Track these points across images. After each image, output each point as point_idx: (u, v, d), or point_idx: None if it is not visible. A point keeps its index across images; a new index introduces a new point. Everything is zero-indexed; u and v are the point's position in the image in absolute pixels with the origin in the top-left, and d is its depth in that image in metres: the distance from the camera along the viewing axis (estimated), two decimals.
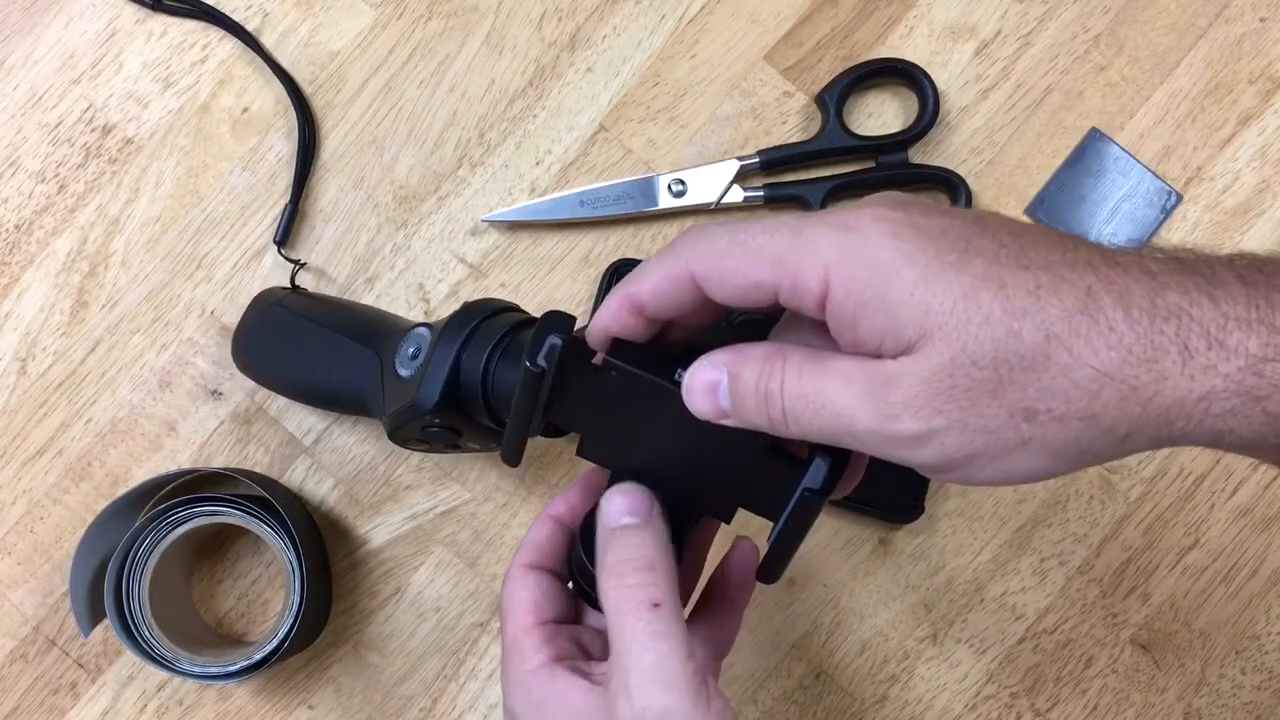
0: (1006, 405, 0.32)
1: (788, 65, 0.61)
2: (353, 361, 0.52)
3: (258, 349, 0.57)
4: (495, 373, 0.46)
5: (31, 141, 0.60)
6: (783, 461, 0.39)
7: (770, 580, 0.40)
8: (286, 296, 0.57)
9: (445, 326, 0.48)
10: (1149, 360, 0.31)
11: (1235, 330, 0.31)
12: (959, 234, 0.33)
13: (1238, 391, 0.31)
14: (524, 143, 0.61)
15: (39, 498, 0.59)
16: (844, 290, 0.33)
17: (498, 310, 0.48)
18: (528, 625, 0.41)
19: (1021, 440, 0.32)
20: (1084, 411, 0.31)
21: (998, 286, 0.32)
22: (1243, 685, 0.58)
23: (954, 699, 0.58)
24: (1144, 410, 0.31)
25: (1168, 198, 0.60)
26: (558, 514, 0.44)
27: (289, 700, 0.58)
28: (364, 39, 0.61)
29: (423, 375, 0.47)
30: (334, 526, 0.59)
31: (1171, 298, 0.31)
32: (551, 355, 0.39)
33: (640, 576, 0.37)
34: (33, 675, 0.58)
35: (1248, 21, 0.61)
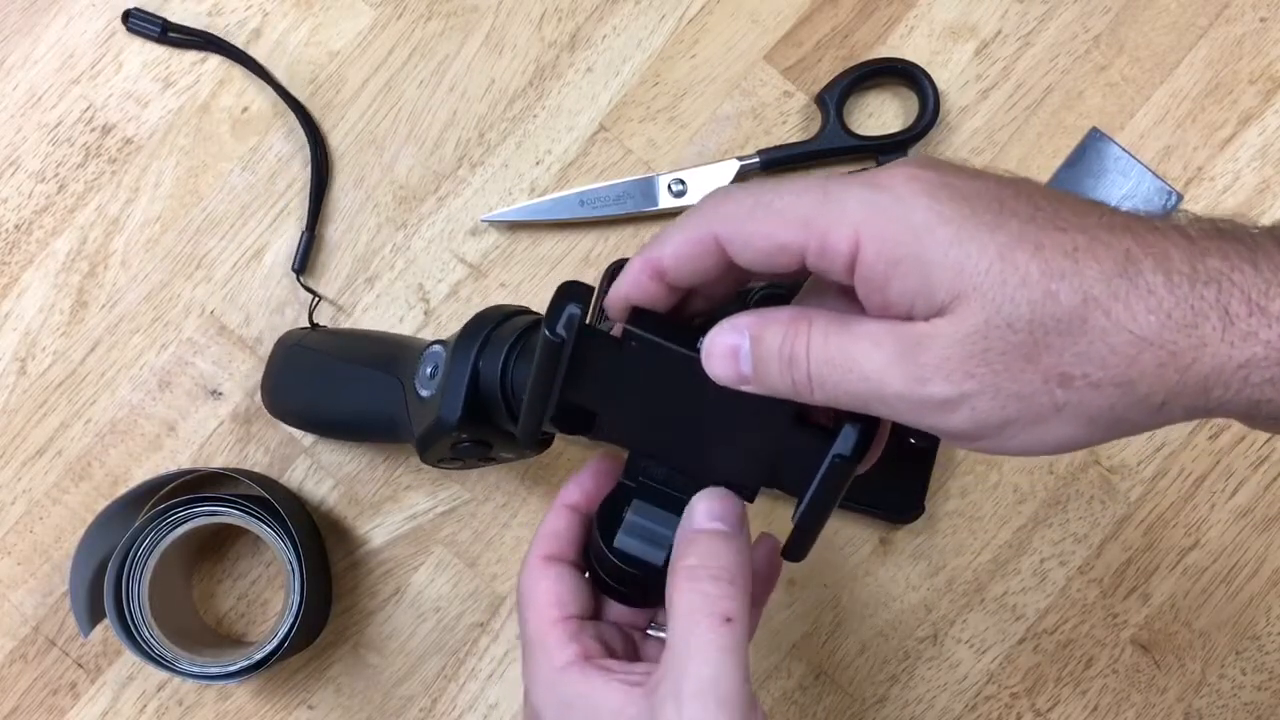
0: (1041, 370, 0.31)
1: (788, 65, 0.61)
2: (377, 391, 0.51)
3: (287, 393, 0.57)
4: (514, 374, 0.45)
5: (31, 141, 0.60)
6: (808, 432, 0.37)
7: (798, 558, 0.39)
8: (306, 336, 0.57)
9: (458, 339, 0.47)
10: (1189, 325, 0.30)
11: (1279, 296, 0.30)
12: (994, 195, 0.32)
13: (1278, 360, 0.30)
14: (524, 143, 0.61)
15: (39, 498, 0.59)
16: (875, 250, 0.32)
17: (508, 315, 0.48)
18: (553, 619, 0.39)
19: (1055, 406, 0.31)
20: (1121, 378, 0.31)
21: (1034, 248, 0.31)
22: (1243, 685, 0.58)
23: (954, 699, 0.58)
24: (1182, 378, 0.30)
25: (1168, 198, 0.60)
26: (573, 502, 0.42)
27: (289, 700, 0.58)
28: (364, 39, 0.61)
29: (443, 392, 0.46)
30: (334, 526, 0.59)
31: (1212, 263, 0.31)
32: (570, 324, 0.37)
33: (719, 587, 0.36)
34: (32, 675, 0.58)
35: (1248, 21, 0.61)
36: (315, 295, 0.59)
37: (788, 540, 0.39)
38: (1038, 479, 0.59)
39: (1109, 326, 0.30)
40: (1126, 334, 0.30)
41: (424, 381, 0.48)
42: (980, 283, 0.31)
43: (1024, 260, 0.31)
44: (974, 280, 0.31)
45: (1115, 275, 0.31)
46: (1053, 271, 0.31)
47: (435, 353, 0.48)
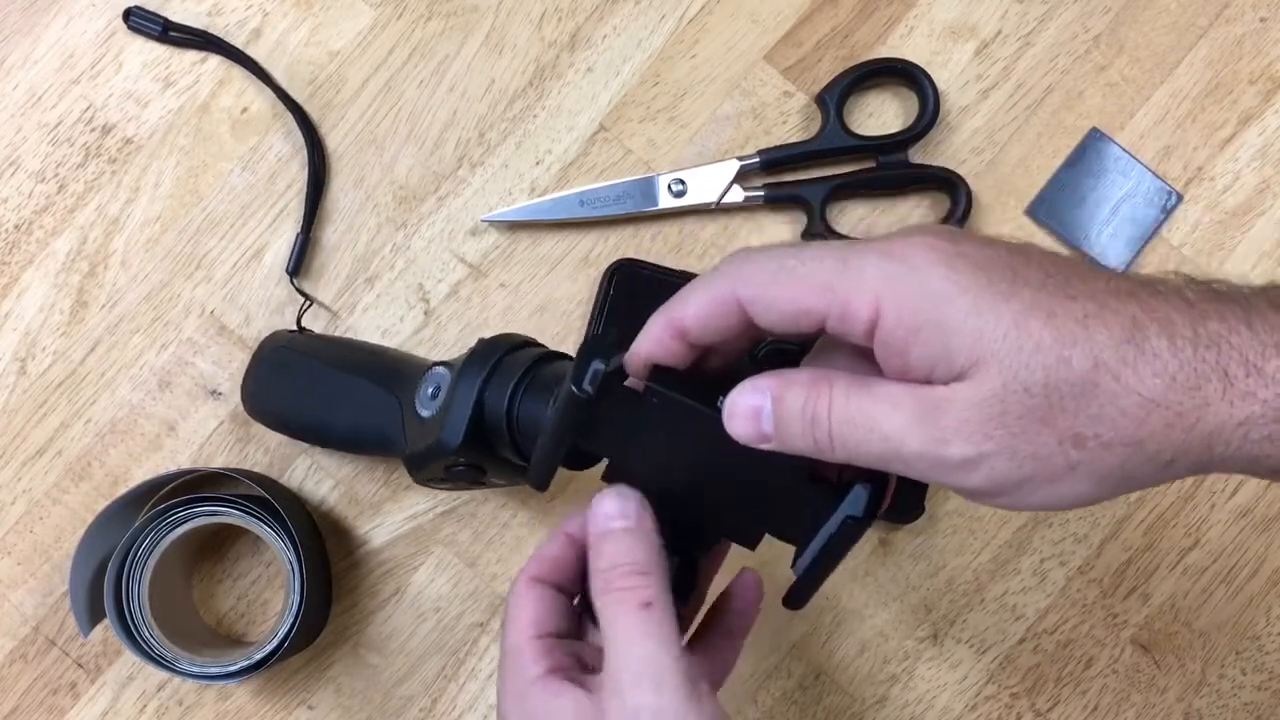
0: (1056, 432, 0.33)
1: (788, 65, 0.61)
2: (372, 405, 0.52)
3: (273, 397, 0.56)
4: (520, 408, 0.46)
5: (31, 141, 0.60)
6: (819, 488, 0.38)
7: (798, 606, 0.40)
8: (294, 339, 0.57)
9: (465, 364, 0.47)
10: (1192, 387, 0.32)
11: (1273, 357, 0.32)
12: (1006, 264, 0.34)
13: (1275, 417, 0.32)
14: (524, 143, 0.61)
15: (39, 498, 0.59)
16: (895, 317, 0.33)
17: (517, 346, 0.48)
18: (528, 636, 0.40)
19: (1069, 466, 0.33)
20: (1130, 438, 0.32)
21: (1047, 315, 0.33)
22: (1243, 685, 0.58)
23: (954, 699, 0.58)
24: (1187, 436, 0.32)
25: (1168, 198, 0.60)
26: (573, 531, 0.42)
27: (289, 700, 0.58)
28: (364, 39, 0.61)
29: (445, 415, 0.47)
30: (334, 526, 0.59)
31: (1212, 326, 0.33)
32: (596, 381, 0.38)
33: (632, 579, 0.37)
34: (32, 675, 0.58)
35: (1248, 21, 0.61)
36: (307, 298, 0.59)
37: (791, 589, 0.39)
38: None
39: (1119, 390, 0.32)
40: (1135, 396, 0.32)
41: (424, 401, 0.49)
42: (997, 349, 0.32)
43: (1038, 328, 0.32)
44: (991, 347, 0.33)
45: (1123, 341, 0.32)
46: (1065, 338, 0.32)
47: (439, 374, 0.49)
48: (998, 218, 0.60)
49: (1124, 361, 0.32)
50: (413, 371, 0.51)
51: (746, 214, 0.60)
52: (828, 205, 0.59)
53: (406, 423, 0.50)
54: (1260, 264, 0.60)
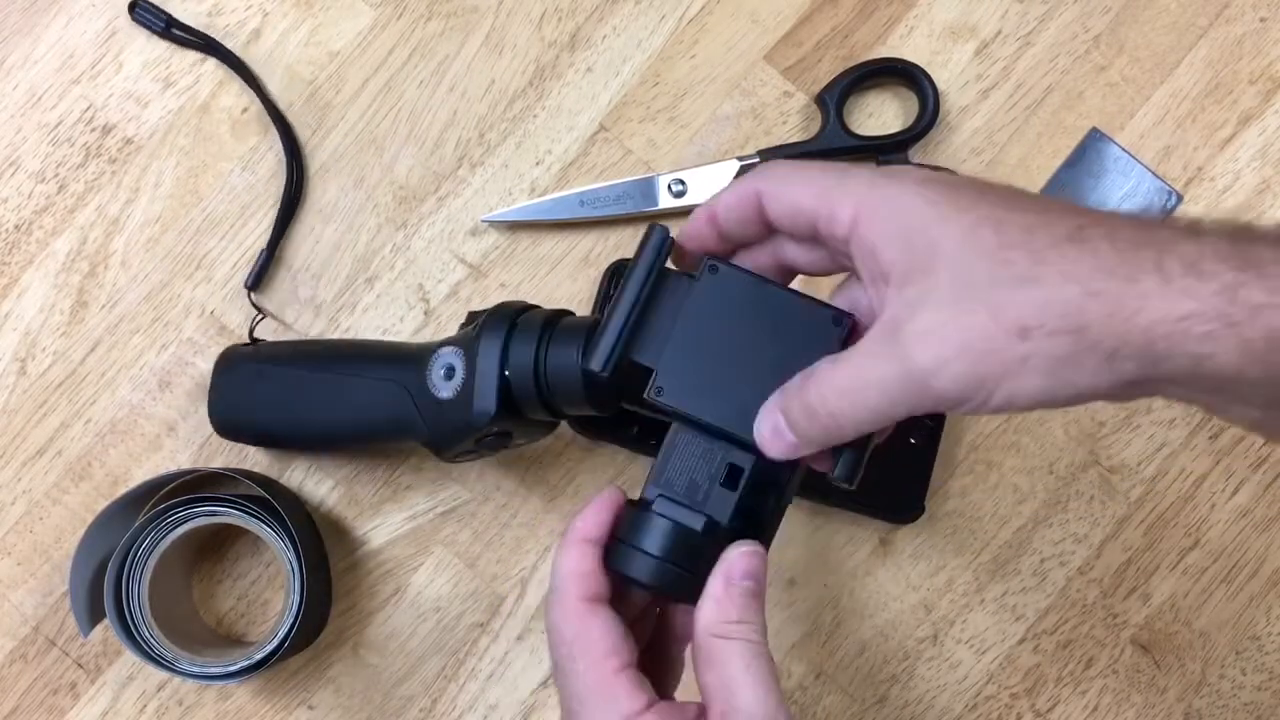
0: (1003, 325, 0.35)
1: (788, 65, 0.61)
2: (377, 398, 0.52)
3: (257, 413, 0.56)
4: (549, 362, 0.47)
5: (31, 141, 0.60)
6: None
7: (852, 479, 0.41)
8: (259, 351, 0.56)
9: (480, 336, 0.48)
10: (1130, 279, 0.34)
11: (1211, 261, 0.33)
12: (978, 189, 0.38)
13: (1214, 316, 0.33)
14: (524, 143, 0.61)
15: (39, 498, 0.59)
16: (868, 222, 0.38)
17: (521, 310, 0.50)
18: (615, 668, 0.40)
19: (1021, 359, 0.35)
20: (1073, 325, 0.34)
21: (996, 224, 0.36)
22: (1243, 685, 0.58)
23: (954, 699, 0.58)
24: (1127, 326, 0.34)
25: (1168, 198, 0.60)
26: (590, 537, 0.42)
27: (289, 700, 0.58)
28: (364, 39, 0.61)
29: (471, 390, 0.48)
30: (334, 526, 0.59)
31: (1157, 233, 0.35)
32: (666, 235, 0.43)
33: (753, 635, 0.40)
34: (33, 675, 0.58)
35: (1248, 21, 0.61)
36: (260, 312, 0.59)
37: (842, 464, 0.41)
38: (1038, 479, 0.59)
39: (1059, 281, 0.35)
40: (1074, 286, 0.34)
41: (438, 383, 0.50)
42: (949, 251, 0.36)
43: (987, 234, 0.36)
44: (944, 249, 0.36)
45: (1064, 240, 0.35)
46: (1009, 241, 0.35)
47: (447, 354, 0.50)
48: None
49: (1064, 257, 0.35)
50: (412, 357, 0.52)
51: None
52: None
53: (422, 407, 0.50)
54: None
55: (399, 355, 0.53)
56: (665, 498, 0.42)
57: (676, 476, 0.42)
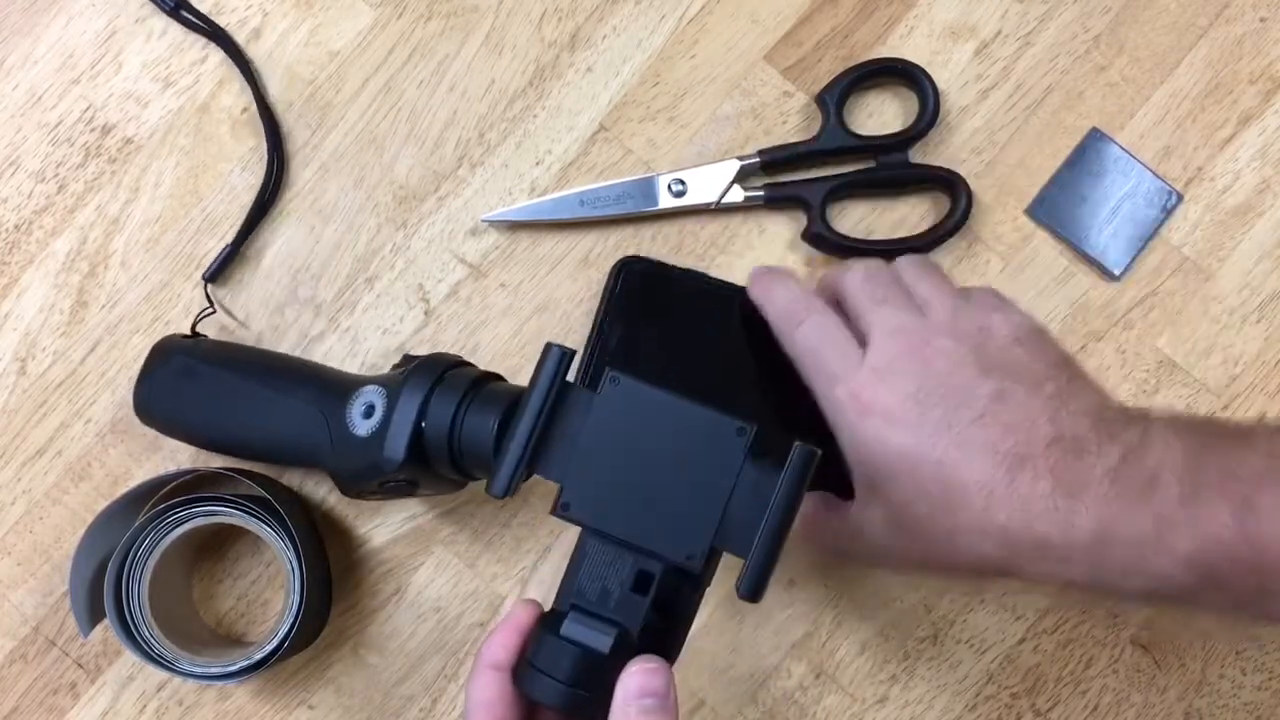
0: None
1: (788, 65, 0.61)
2: (295, 420, 0.52)
3: (178, 406, 0.55)
4: (464, 424, 0.48)
5: (31, 141, 0.60)
6: (758, 468, 0.42)
7: (756, 596, 0.42)
8: (197, 346, 0.56)
9: (405, 384, 0.49)
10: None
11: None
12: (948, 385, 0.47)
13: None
14: (524, 143, 0.61)
15: (39, 498, 0.59)
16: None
17: (452, 365, 0.50)
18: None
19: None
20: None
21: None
22: (1243, 685, 0.58)
23: (954, 699, 0.58)
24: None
25: (1168, 198, 0.60)
26: (497, 661, 0.42)
27: (289, 700, 0.58)
28: (364, 39, 0.61)
29: (384, 433, 0.49)
30: (334, 526, 0.59)
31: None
32: (560, 362, 0.44)
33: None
34: (33, 675, 0.58)
35: (1248, 21, 0.61)
36: (211, 306, 0.58)
37: (746, 580, 0.42)
38: None
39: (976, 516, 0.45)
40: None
41: (357, 420, 0.50)
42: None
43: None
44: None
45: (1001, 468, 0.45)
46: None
47: (371, 392, 0.51)
48: (998, 218, 0.60)
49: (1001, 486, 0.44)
50: (340, 388, 0.52)
51: (746, 214, 0.60)
52: (828, 205, 0.59)
53: (336, 439, 0.51)
54: (1260, 264, 0.60)
55: (327, 382, 0.54)
56: (577, 611, 0.42)
57: (588, 584, 0.42)
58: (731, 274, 0.59)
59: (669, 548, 0.42)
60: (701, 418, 0.43)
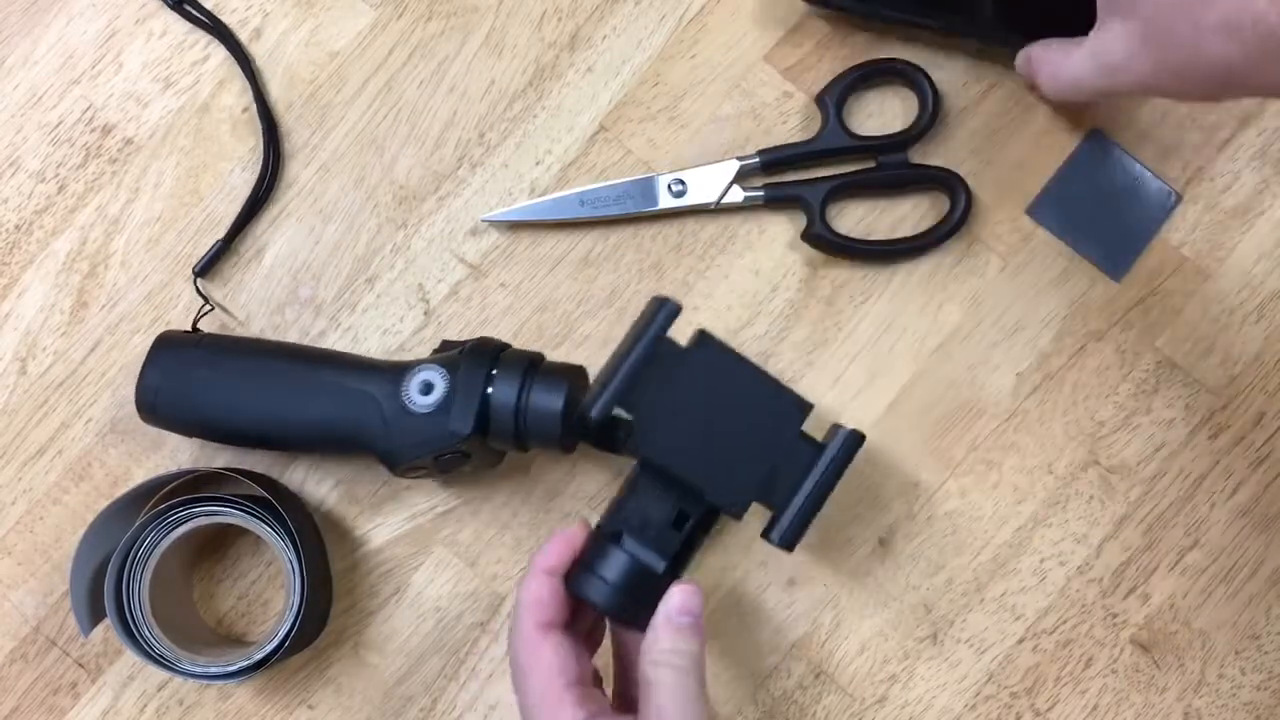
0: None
1: (788, 65, 0.61)
2: (345, 401, 0.54)
3: (194, 398, 0.55)
4: (531, 399, 0.52)
5: (31, 141, 0.61)
6: (805, 444, 0.49)
7: (791, 544, 0.48)
8: (213, 339, 0.56)
9: (466, 362, 0.52)
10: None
11: None
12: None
13: None
14: (524, 143, 0.61)
15: (39, 498, 0.59)
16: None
17: (504, 346, 0.54)
18: (563, 685, 0.45)
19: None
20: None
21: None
22: (1242, 685, 0.58)
23: (954, 699, 0.58)
24: None
25: (1168, 198, 0.60)
26: (550, 567, 0.48)
27: (289, 700, 0.58)
28: (364, 39, 0.61)
29: (449, 407, 0.52)
30: (334, 526, 0.59)
31: None
32: (672, 316, 0.48)
33: (688, 662, 0.45)
34: (33, 675, 0.58)
35: None
36: (208, 302, 0.58)
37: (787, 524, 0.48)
38: (1037, 479, 0.59)
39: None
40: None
41: (415, 397, 0.53)
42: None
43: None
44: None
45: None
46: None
47: (429, 370, 0.53)
48: (997, 218, 0.60)
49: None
50: (386, 369, 0.54)
51: (746, 214, 0.60)
52: (828, 205, 0.59)
53: (390, 417, 0.53)
54: (1260, 264, 0.60)
55: (368, 364, 0.55)
56: (629, 534, 0.48)
57: (633, 514, 0.48)
58: (731, 274, 0.59)
59: (716, 493, 0.48)
60: (771, 388, 0.49)
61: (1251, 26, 0.43)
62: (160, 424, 0.56)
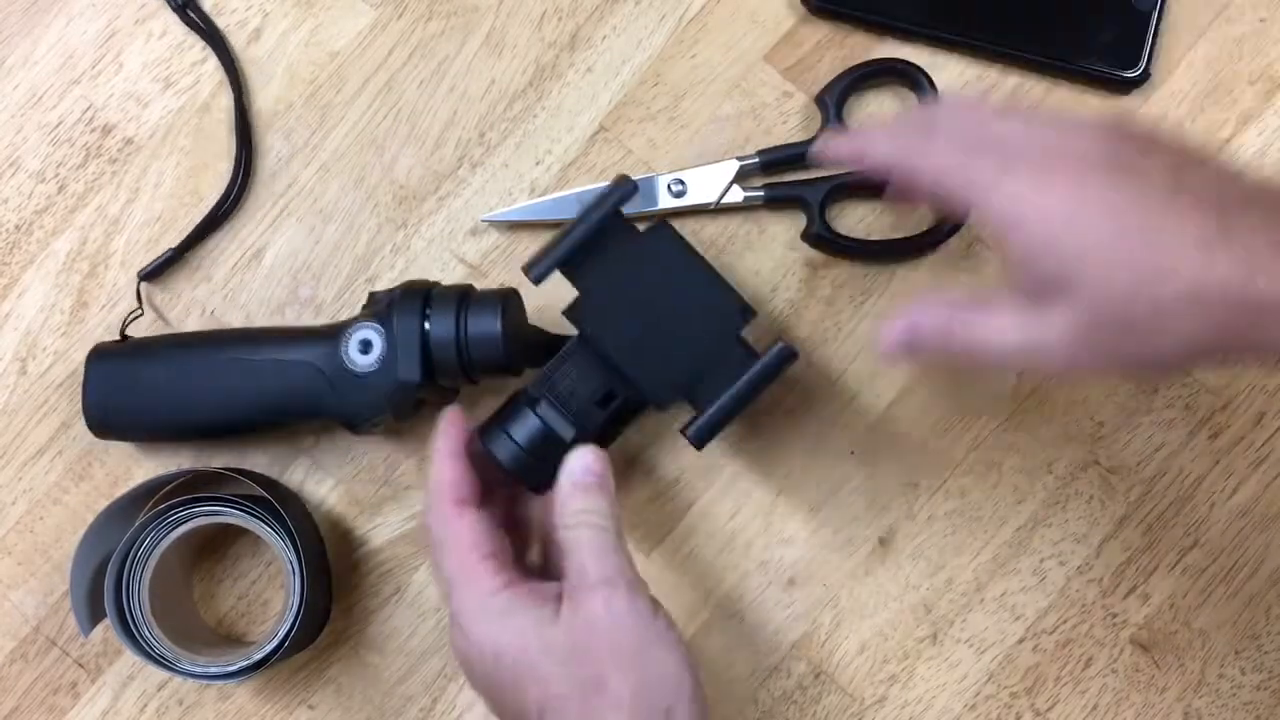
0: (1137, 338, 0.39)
1: (788, 65, 0.61)
2: (287, 376, 0.54)
3: (140, 403, 0.55)
4: (469, 331, 0.52)
5: (31, 141, 0.61)
6: (741, 349, 0.50)
7: (702, 441, 0.50)
8: (138, 343, 0.56)
9: (400, 309, 0.52)
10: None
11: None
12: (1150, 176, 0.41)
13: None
14: (524, 143, 0.61)
15: (39, 498, 0.59)
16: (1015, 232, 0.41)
17: (430, 285, 0.54)
18: (480, 556, 0.46)
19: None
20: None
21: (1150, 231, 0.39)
22: (1242, 685, 0.58)
23: (954, 699, 0.58)
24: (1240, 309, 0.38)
25: None
26: (454, 449, 0.49)
27: (289, 700, 0.58)
28: (364, 39, 0.61)
29: (393, 360, 0.52)
30: (334, 526, 0.59)
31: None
32: (627, 196, 0.49)
33: (599, 520, 0.47)
34: (33, 675, 0.58)
35: (1248, 21, 0.61)
36: (140, 308, 0.58)
37: (697, 427, 0.49)
38: (1037, 479, 0.59)
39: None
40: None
41: (355, 358, 0.53)
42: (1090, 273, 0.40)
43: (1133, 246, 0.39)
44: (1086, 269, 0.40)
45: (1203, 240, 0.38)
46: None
47: (363, 328, 0.53)
48: None
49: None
50: (320, 335, 0.54)
51: (746, 214, 0.60)
52: (827, 205, 0.59)
53: (336, 382, 0.53)
54: None
55: (302, 335, 0.55)
56: (548, 401, 0.50)
57: (560, 383, 0.50)
58: (731, 274, 0.59)
59: (646, 382, 0.50)
60: (717, 289, 0.50)
61: (1220, 295, 0.38)
62: (117, 437, 0.57)
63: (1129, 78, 0.60)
